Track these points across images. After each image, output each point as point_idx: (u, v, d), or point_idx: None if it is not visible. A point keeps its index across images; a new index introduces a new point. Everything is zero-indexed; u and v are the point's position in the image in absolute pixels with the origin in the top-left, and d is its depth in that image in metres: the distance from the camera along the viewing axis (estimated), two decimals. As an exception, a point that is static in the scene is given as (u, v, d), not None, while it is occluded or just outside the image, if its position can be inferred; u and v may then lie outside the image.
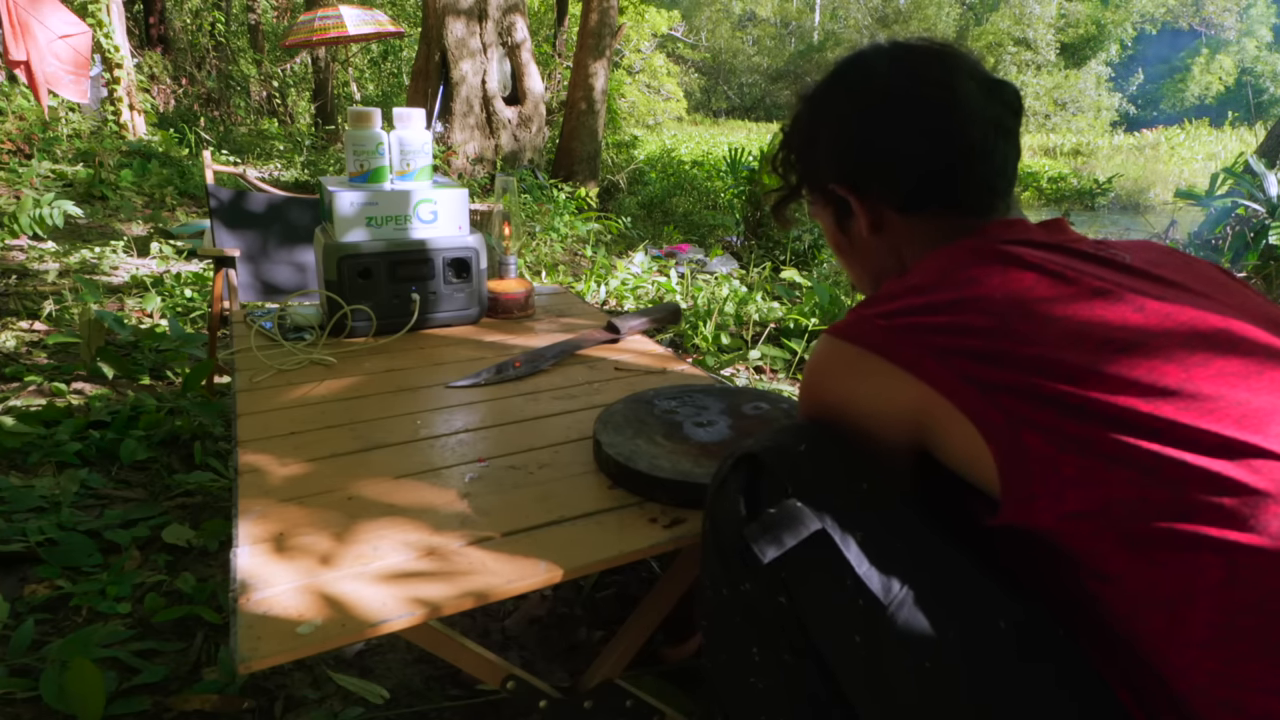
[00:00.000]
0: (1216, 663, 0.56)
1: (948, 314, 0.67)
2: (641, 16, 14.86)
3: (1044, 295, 0.66)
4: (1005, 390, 0.62)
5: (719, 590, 0.78)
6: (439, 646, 0.89)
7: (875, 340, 0.70)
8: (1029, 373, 0.62)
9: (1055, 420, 0.60)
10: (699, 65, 29.59)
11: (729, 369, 2.83)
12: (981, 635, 0.63)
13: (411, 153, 1.61)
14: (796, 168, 0.91)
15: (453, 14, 6.91)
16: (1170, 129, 20.93)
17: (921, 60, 0.81)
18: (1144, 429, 0.58)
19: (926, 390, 0.66)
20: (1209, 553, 0.55)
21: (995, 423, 0.62)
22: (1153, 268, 0.70)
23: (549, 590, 1.46)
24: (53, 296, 3.18)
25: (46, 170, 5.39)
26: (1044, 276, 0.67)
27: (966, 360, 0.64)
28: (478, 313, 1.70)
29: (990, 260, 0.70)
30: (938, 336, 0.66)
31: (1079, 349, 0.62)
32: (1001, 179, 0.80)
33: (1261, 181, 4.45)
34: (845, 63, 0.86)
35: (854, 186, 0.83)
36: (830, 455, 0.74)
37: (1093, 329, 0.63)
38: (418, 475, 1.03)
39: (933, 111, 0.79)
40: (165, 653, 1.29)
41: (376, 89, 13.34)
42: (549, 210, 5.93)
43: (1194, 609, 0.56)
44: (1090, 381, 0.60)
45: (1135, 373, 0.60)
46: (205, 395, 2.27)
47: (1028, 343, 0.63)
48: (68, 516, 1.62)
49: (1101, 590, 0.61)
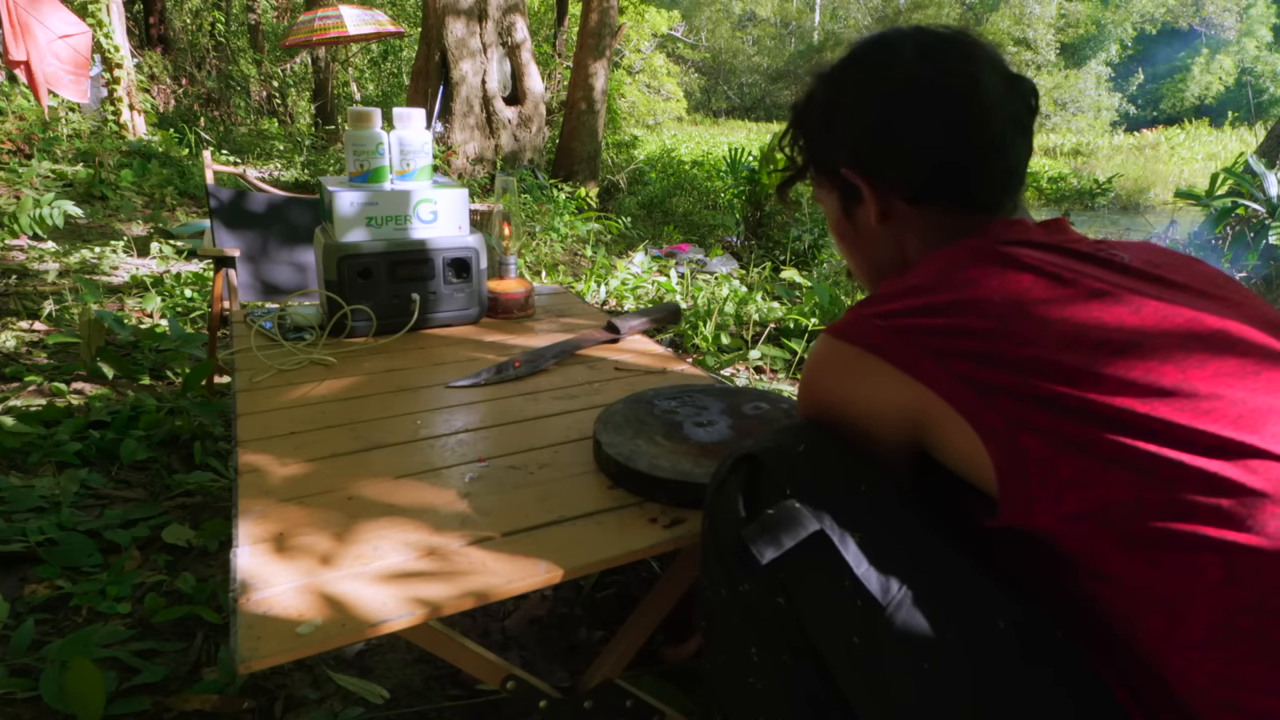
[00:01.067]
0: (1216, 663, 0.56)
1: (946, 316, 0.67)
2: (641, 16, 14.86)
3: (1041, 297, 0.65)
4: (1002, 392, 0.62)
5: (718, 591, 0.78)
6: (439, 646, 0.90)
7: (874, 340, 0.70)
8: (1026, 374, 0.62)
9: (1053, 422, 0.60)
10: (699, 65, 29.58)
11: (729, 369, 2.83)
12: (980, 636, 0.63)
13: (411, 153, 1.61)
14: (807, 148, 0.89)
15: (453, 14, 6.91)
16: (1170, 129, 20.94)
17: (947, 48, 0.79)
18: (1141, 429, 0.58)
19: (924, 391, 0.66)
20: (1207, 553, 0.55)
21: (993, 424, 0.62)
22: (1151, 268, 0.70)
23: (549, 590, 1.46)
24: (53, 296, 3.18)
25: (46, 170, 5.39)
26: (1042, 278, 0.67)
27: (964, 361, 0.64)
28: (478, 313, 1.70)
29: (989, 261, 0.70)
30: (936, 338, 0.66)
31: (1076, 350, 0.62)
32: (1014, 177, 0.80)
33: (1261, 181, 4.44)
34: (867, 45, 0.83)
35: (867, 173, 0.82)
36: (829, 456, 0.74)
37: (1090, 330, 0.63)
38: (418, 475, 1.04)
39: (956, 103, 0.77)
40: (165, 653, 1.29)
41: (376, 89, 13.34)
42: (549, 210, 5.93)
43: (1193, 609, 0.56)
44: (1087, 382, 0.60)
45: (1132, 373, 0.60)
46: (205, 395, 2.27)
47: (1025, 344, 0.63)
48: (68, 516, 1.62)
49: (1100, 591, 0.61)
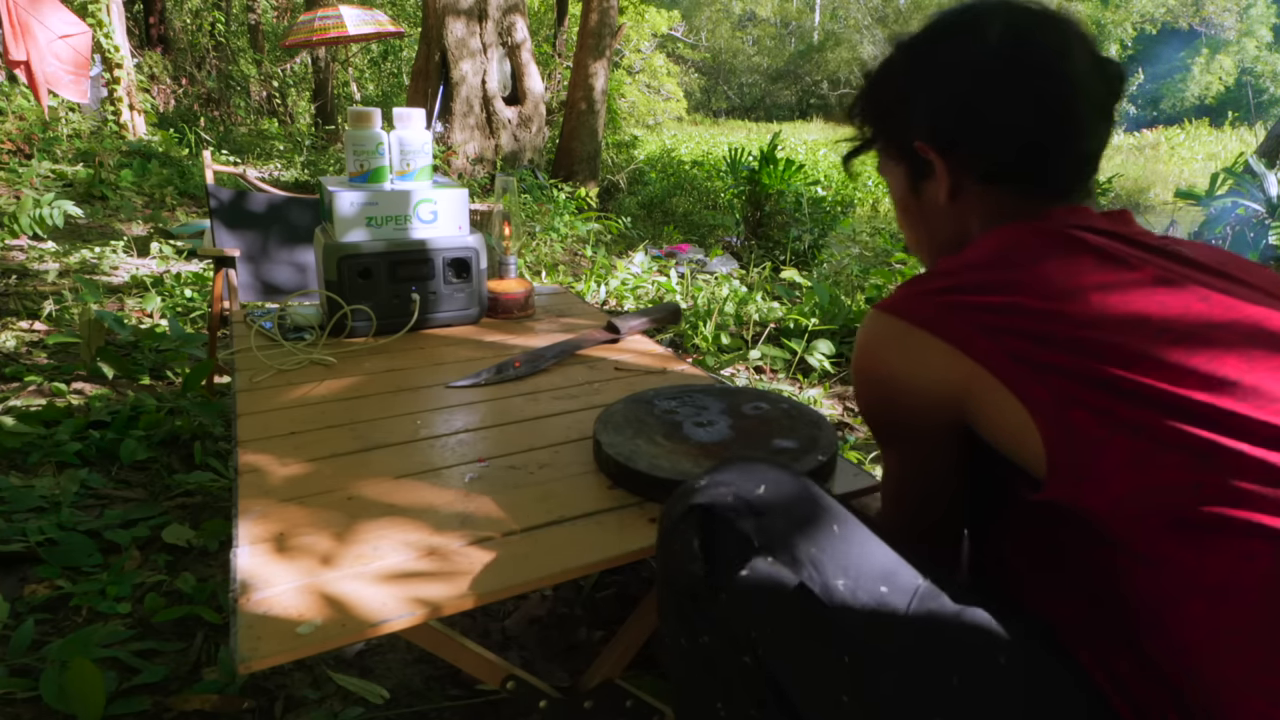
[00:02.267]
0: (1261, 650, 0.55)
1: (1003, 294, 0.66)
2: (641, 16, 14.86)
3: (1103, 280, 0.64)
4: (1056, 370, 0.61)
5: (677, 640, 0.75)
6: (439, 646, 0.89)
7: (926, 315, 0.68)
8: (1083, 355, 0.61)
9: (1108, 403, 0.59)
10: (699, 65, 29.56)
11: (729, 369, 2.83)
12: (984, 678, 0.62)
13: (411, 153, 1.61)
14: (880, 120, 0.85)
15: (453, 14, 6.91)
16: (1170, 129, 20.93)
17: (1039, 25, 0.76)
18: (1201, 417, 0.58)
19: (974, 368, 0.65)
20: (1259, 540, 0.55)
21: (1043, 401, 0.61)
22: (1219, 265, 0.69)
23: (549, 590, 1.46)
24: (53, 296, 3.18)
25: (46, 170, 5.39)
26: (1104, 261, 0.66)
27: (1018, 339, 0.63)
28: (478, 313, 1.70)
29: (1051, 241, 0.69)
30: (990, 315, 0.65)
31: (1136, 334, 0.61)
32: (1091, 162, 0.78)
33: (1261, 181, 4.45)
34: (953, 16, 0.79)
35: (944, 149, 0.79)
36: (793, 496, 0.70)
37: (1152, 316, 0.62)
38: (418, 475, 1.03)
39: (1045, 82, 0.74)
40: (165, 653, 1.29)
41: (376, 89, 13.35)
42: (549, 210, 5.93)
43: (1239, 596, 0.56)
44: (1145, 366, 0.59)
45: (1194, 361, 0.59)
46: (205, 395, 2.27)
47: (1083, 326, 0.62)
48: (68, 516, 1.62)
49: (1139, 573, 0.60)
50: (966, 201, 0.80)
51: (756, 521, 0.68)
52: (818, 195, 6.25)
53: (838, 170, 12.55)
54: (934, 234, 0.85)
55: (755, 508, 0.69)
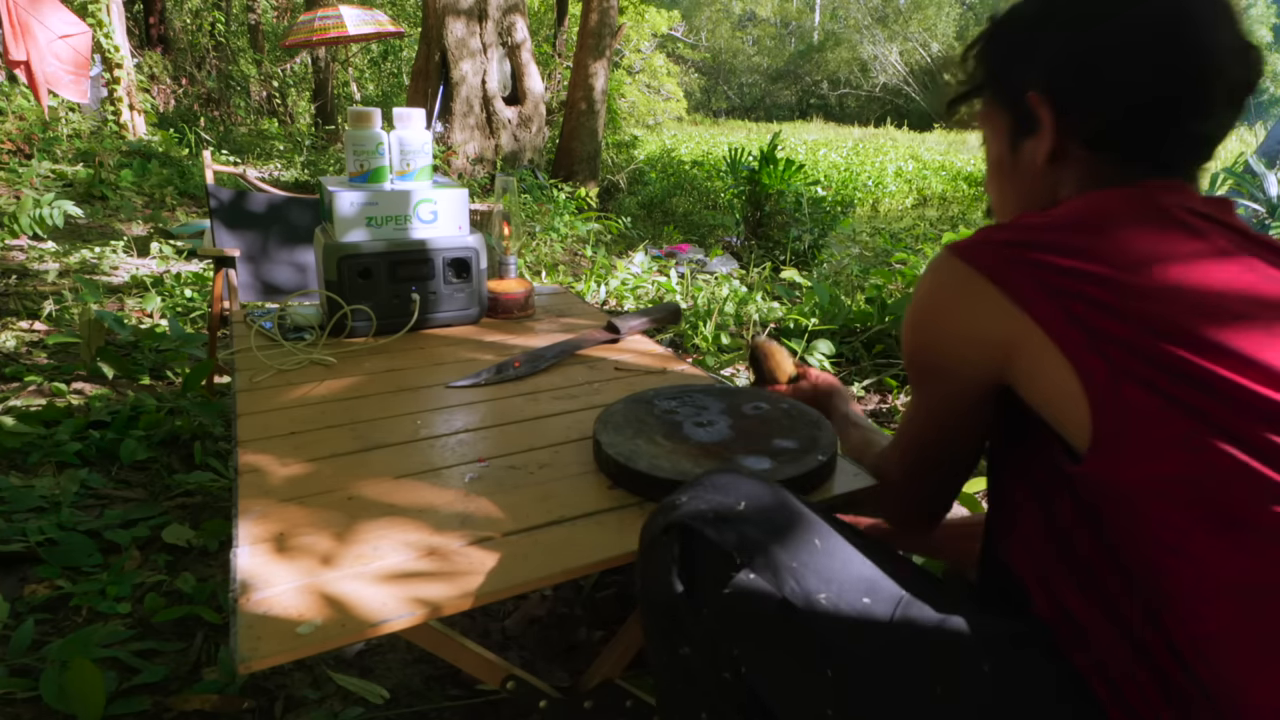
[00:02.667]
0: None
1: (1074, 257, 0.63)
2: (641, 16, 14.86)
3: (1184, 257, 0.62)
4: (1116, 342, 0.59)
5: (659, 655, 0.75)
6: (439, 646, 0.89)
7: (990, 263, 0.66)
8: (1149, 333, 0.59)
9: (1167, 383, 0.58)
10: (699, 65, 29.57)
11: (729, 369, 2.83)
12: (968, 686, 0.61)
13: (411, 153, 1.61)
14: (997, 64, 0.80)
15: (453, 14, 6.91)
16: (1170, 129, 20.84)
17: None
18: (1262, 413, 0.56)
19: (1030, 325, 0.63)
20: None
21: (1097, 369, 0.60)
22: None
23: (549, 590, 1.46)
24: (53, 296, 3.18)
25: (46, 170, 5.39)
26: (1192, 239, 0.63)
27: (1082, 304, 0.61)
28: (478, 313, 1.70)
29: (1141, 212, 0.66)
30: (1056, 276, 0.63)
31: (1207, 317, 0.59)
32: (1208, 145, 0.73)
33: (1261, 181, 4.45)
34: None
35: (1059, 105, 0.74)
36: (774, 511, 0.70)
37: (1229, 301, 0.60)
38: (418, 475, 1.03)
39: (1183, 56, 0.70)
40: (165, 653, 1.29)
41: (376, 89, 13.35)
42: (549, 210, 5.94)
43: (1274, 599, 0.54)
44: (1212, 353, 0.57)
45: (1264, 353, 0.57)
46: (205, 395, 2.27)
47: (1156, 301, 0.60)
48: (68, 516, 1.62)
49: (1165, 564, 0.58)
50: (1066, 166, 0.76)
51: (738, 537, 0.67)
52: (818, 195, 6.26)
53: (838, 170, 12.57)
54: (1023, 194, 0.81)
55: (735, 524, 0.68)
